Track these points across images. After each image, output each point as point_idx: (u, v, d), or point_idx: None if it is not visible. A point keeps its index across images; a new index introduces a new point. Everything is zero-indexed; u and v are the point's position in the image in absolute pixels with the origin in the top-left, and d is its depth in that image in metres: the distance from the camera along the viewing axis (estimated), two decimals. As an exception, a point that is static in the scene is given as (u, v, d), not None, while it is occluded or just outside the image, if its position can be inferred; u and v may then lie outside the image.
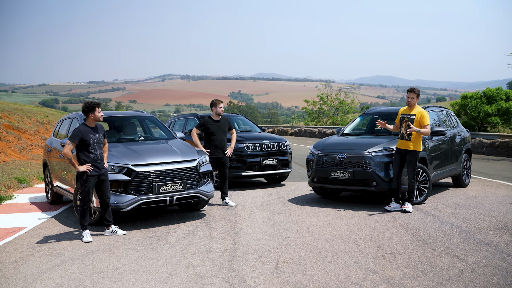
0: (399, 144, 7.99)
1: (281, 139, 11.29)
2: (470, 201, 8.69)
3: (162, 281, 4.86)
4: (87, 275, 5.13)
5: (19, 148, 16.79)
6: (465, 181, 10.43)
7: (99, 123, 7.02)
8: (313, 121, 44.74)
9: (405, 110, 8.09)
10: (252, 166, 10.69)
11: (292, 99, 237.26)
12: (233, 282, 4.80)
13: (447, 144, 9.60)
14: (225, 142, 8.90)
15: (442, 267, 5.05)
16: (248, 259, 5.50)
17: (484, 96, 23.50)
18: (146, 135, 9.21)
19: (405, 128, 7.89)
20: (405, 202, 7.86)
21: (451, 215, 7.53)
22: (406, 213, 7.68)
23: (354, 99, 44.36)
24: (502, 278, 4.68)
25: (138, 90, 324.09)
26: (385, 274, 4.89)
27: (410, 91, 8.03)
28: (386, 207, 8.03)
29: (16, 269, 5.40)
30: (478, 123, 23.66)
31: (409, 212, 7.69)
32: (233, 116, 13.03)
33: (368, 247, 5.86)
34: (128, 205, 7.01)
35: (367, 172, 8.14)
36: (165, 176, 7.23)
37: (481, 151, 19.10)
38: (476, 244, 5.89)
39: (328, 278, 4.83)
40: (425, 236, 6.31)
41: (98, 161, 6.73)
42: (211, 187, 7.88)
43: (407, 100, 8.03)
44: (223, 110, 8.94)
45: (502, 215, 7.43)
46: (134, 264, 5.44)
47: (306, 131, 35.61)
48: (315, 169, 8.80)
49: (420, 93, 8.07)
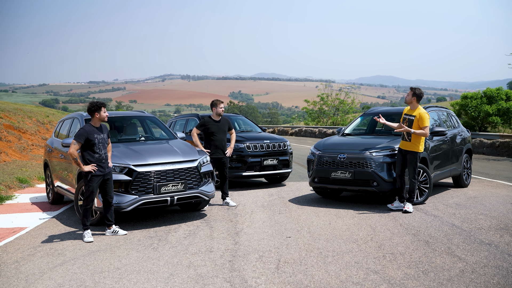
0: (401, 144, 8.03)
1: (281, 139, 11.30)
2: (471, 201, 8.70)
3: (163, 281, 4.87)
4: (88, 275, 5.14)
5: (19, 148, 16.80)
6: (466, 181, 10.43)
7: (103, 123, 7.04)
8: (314, 121, 44.73)
9: (408, 110, 8.11)
10: (252, 166, 10.69)
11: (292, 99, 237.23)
12: (234, 282, 4.80)
13: (447, 144, 9.61)
14: (225, 142, 8.91)
15: (443, 267, 5.06)
16: (249, 259, 5.51)
17: (485, 96, 23.50)
18: (147, 135, 9.22)
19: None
20: (406, 202, 7.86)
21: (451, 215, 7.54)
22: (407, 213, 7.69)
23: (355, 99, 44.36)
24: (502, 278, 4.69)
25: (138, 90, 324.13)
26: (386, 274, 4.90)
27: (410, 88, 8.11)
28: (389, 205, 8.06)
29: (17, 269, 5.42)
30: (479, 123, 23.66)
31: (409, 212, 7.70)
32: (234, 116, 13.04)
33: (369, 247, 5.87)
34: (129, 205, 7.02)
35: (367, 172, 8.15)
36: (166, 176, 7.24)
37: (481, 151, 19.10)
38: (476, 244, 5.89)
39: (329, 278, 4.84)
40: (425, 236, 6.32)
41: (103, 161, 6.75)
42: (212, 187, 7.89)
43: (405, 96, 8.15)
44: (223, 111, 8.95)
45: (503, 215, 7.43)
46: (135, 264, 5.45)
47: (307, 131, 35.61)
48: (315, 169, 8.81)
49: (423, 95, 8.05)
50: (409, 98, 8.01)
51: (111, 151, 7.06)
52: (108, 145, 6.99)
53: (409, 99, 8.00)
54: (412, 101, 7.99)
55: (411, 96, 7.97)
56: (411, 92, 8.01)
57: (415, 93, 7.97)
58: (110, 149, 7.05)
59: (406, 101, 8.07)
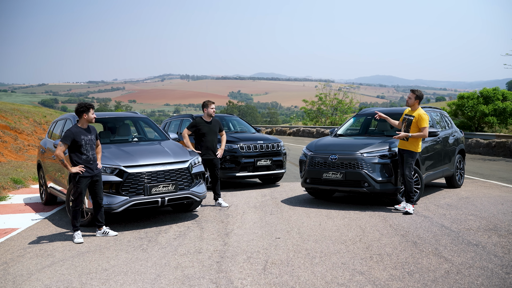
0: (399, 144, 8.06)
1: (275, 140, 11.32)
2: (462, 201, 8.72)
3: (149, 282, 4.89)
4: (76, 276, 5.15)
5: (15, 148, 16.81)
6: (459, 182, 10.46)
7: (91, 125, 7.05)
8: (312, 121, 44.78)
9: (408, 111, 8.13)
10: (246, 167, 10.71)
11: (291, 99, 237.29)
12: (220, 283, 4.82)
13: (440, 144, 9.63)
14: (216, 143, 8.93)
15: (429, 268, 5.08)
16: (236, 260, 5.53)
17: (481, 96, 23.55)
18: (140, 136, 9.24)
19: (404, 129, 7.96)
20: (406, 203, 7.85)
21: (442, 216, 7.56)
22: (408, 214, 7.69)
23: (353, 99, 44.41)
24: (486, 279, 4.71)
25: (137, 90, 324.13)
26: (371, 275, 4.92)
27: (411, 91, 8.12)
28: (396, 206, 8.04)
29: (5, 270, 5.43)
30: (475, 123, 23.71)
31: (410, 214, 7.68)
32: (228, 116, 13.06)
33: (356, 248, 5.89)
34: (119, 206, 7.04)
35: (358, 173, 8.16)
36: (156, 177, 7.26)
37: (477, 151, 19.14)
38: (464, 245, 5.92)
39: (315, 279, 4.86)
40: (414, 237, 6.34)
41: (91, 162, 6.75)
42: (203, 188, 7.91)
43: (406, 99, 8.16)
44: (214, 111, 8.97)
45: (493, 216, 7.46)
46: (124, 265, 5.47)
47: (304, 131, 35.64)
48: (307, 170, 8.83)
49: (423, 97, 8.10)
50: (411, 101, 8.00)
51: (100, 153, 7.07)
52: (97, 147, 7.00)
53: (412, 102, 8.01)
54: (414, 104, 8.02)
55: (414, 100, 7.99)
56: (414, 95, 8.00)
57: (417, 96, 8.00)
58: (99, 150, 7.05)
59: (409, 104, 8.06)
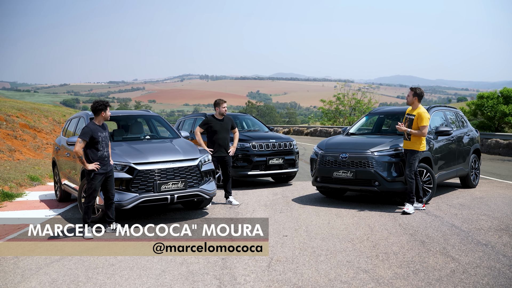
0: (403, 144, 7.98)
1: (288, 139, 11.31)
2: (476, 201, 8.59)
3: (154, 277, 4.94)
4: (82, 270, 5.24)
5: (34, 146, 17.12)
6: (473, 182, 10.30)
7: (104, 122, 7.16)
8: (330, 121, 44.55)
9: (409, 110, 8.06)
10: (258, 166, 10.73)
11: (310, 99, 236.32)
12: (224, 279, 4.85)
13: (453, 144, 9.50)
14: (228, 141, 8.97)
15: (434, 267, 5.03)
16: (242, 257, 5.55)
17: (501, 96, 23.15)
18: (152, 134, 9.33)
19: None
20: (405, 203, 7.78)
21: (453, 215, 7.46)
22: (406, 214, 7.61)
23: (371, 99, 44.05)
24: (492, 279, 4.64)
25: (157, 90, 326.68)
26: (375, 273, 4.89)
27: (410, 89, 8.03)
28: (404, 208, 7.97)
29: (15, 264, 5.55)
30: (495, 123, 23.31)
31: (408, 214, 7.61)
32: (241, 115, 13.10)
33: (363, 247, 5.86)
34: (129, 202, 7.12)
35: (369, 171, 8.11)
36: (166, 175, 7.33)
37: (497, 152, 18.82)
38: (473, 244, 5.84)
39: (318, 276, 4.85)
40: (422, 236, 6.28)
41: (106, 159, 6.85)
42: (213, 186, 7.95)
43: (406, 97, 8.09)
44: (226, 110, 9.01)
45: (506, 216, 7.33)
46: (130, 261, 5.54)
47: (322, 131, 35.50)
48: (318, 169, 8.81)
49: (423, 94, 7.99)
50: (410, 99, 7.95)
51: (110, 149, 7.16)
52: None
53: (411, 100, 7.94)
54: (413, 101, 7.93)
55: (412, 97, 7.91)
56: (412, 92, 7.94)
57: (416, 93, 7.90)
58: (109, 147, 7.16)
59: (408, 102, 8.02)
